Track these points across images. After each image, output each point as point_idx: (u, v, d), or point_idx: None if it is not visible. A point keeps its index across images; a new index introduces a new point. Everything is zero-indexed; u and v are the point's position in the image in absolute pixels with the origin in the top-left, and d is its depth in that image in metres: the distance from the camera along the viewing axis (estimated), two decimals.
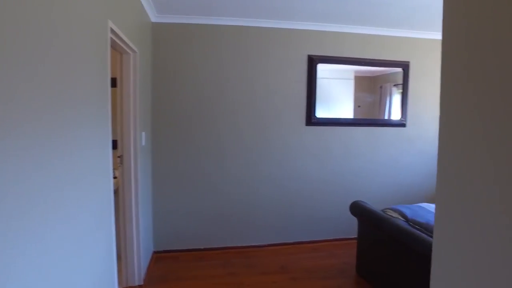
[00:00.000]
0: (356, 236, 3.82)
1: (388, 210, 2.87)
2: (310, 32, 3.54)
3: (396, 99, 3.92)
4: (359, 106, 3.88)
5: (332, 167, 3.75)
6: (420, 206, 2.90)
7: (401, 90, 3.88)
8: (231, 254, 3.45)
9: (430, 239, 2.12)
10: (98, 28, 1.63)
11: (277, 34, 3.47)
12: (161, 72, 3.32)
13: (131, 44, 2.25)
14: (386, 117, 3.94)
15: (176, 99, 3.36)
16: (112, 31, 1.81)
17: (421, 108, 3.92)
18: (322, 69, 3.62)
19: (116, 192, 2.40)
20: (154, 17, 3.19)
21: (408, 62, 3.81)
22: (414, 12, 3.09)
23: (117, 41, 2.01)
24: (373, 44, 3.70)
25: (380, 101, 3.99)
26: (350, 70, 3.80)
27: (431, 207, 2.92)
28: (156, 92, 3.32)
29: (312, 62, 3.58)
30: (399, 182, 3.94)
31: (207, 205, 3.50)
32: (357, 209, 2.90)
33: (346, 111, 3.82)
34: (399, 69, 3.81)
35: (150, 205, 3.30)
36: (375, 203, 3.45)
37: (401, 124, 3.90)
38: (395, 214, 2.73)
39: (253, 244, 3.62)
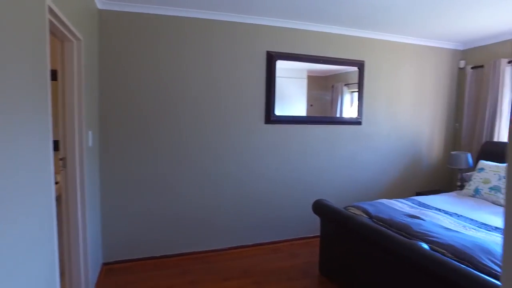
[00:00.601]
0: (316, 234, 3.83)
1: (351, 207, 2.87)
2: (269, 27, 3.45)
3: (347, 98, 4.00)
4: (311, 105, 3.88)
5: (292, 166, 3.71)
6: (381, 203, 2.95)
7: (351, 90, 3.96)
8: (190, 261, 3.25)
9: (396, 235, 2.13)
10: (33, 6, 1.37)
11: (235, 28, 3.34)
12: (109, 64, 3.01)
13: (74, 30, 1.97)
14: (338, 116, 3.98)
15: (126, 94, 3.08)
16: (51, 11, 1.54)
17: (375, 107, 4.03)
18: (276, 67, 3.55)
19: (58, 199, 2.10)
20: (101, 3, 2.89)
21: (363, 61, 3.89)
22: (374, 12, 3.14)
23: (58, 24, 1.73)
24: (330, 42, 3.72)
25: (332, 100, 4.03)
26: (303, 69, 3.79)
27: (391, 202, 2.98)
28: (103, 86, 3.01)
29: (271, 59, 3.51)
30: (356, 179, 4.02)
31: (162, 209, 3.26)
32: (321, 208, 2.87)
33: (299, 110, 3.79)
34: (351, 69, 3.86)
35: (98, 212, 2.98)
36: (334, 201, 3.47)
37: (357, 122, 3.97)
38: (358, 212, 2.74)
39: (212, 248, 3.45)
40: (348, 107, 3.96)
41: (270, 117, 3.57)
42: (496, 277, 1.68)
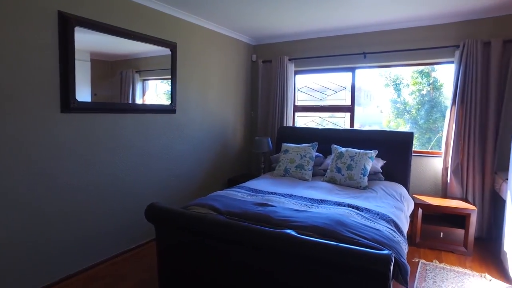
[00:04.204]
0: (139, 243, 3.25)
1: (193, 207, 2.51)
2: None
3: (139, 86, 3.54)
4: (95, 94, 3.19)
5: (102, 166, 2.90)
6: (221, 195, 2.75)
7: (143, 78, 3.55)
8: None
9: (265, 229, 1.99)
10: None
11: None
12: None
13: None
14: (149, 103, 3.47)
15: None
16: None
17: (188, 94, 3.79)
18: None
19: None
20: None
21: (176, 43, 3.54)
22: None
23: None
24: (142, 16, 3.15)
25: (121, 89, 3.48)
26: (86, 50, 3.01)
27: (230, 193, 2.84)
28: None
29: (67, 23, 2.56)
30: (175, 173, 3.66)
31: None
32: (158, 214, 2.34)
33: (84, 98, 2.96)
34: (143, 54, 3.35)
35: None
36: (158, 200, 2.99)
37: (171, 110, 3.61)
38: (204, 210, 2.42)
39: None
40: (140, 97, 3.45)
41: (70, 104, 2.63)
42: (360, 245, 1.86)
